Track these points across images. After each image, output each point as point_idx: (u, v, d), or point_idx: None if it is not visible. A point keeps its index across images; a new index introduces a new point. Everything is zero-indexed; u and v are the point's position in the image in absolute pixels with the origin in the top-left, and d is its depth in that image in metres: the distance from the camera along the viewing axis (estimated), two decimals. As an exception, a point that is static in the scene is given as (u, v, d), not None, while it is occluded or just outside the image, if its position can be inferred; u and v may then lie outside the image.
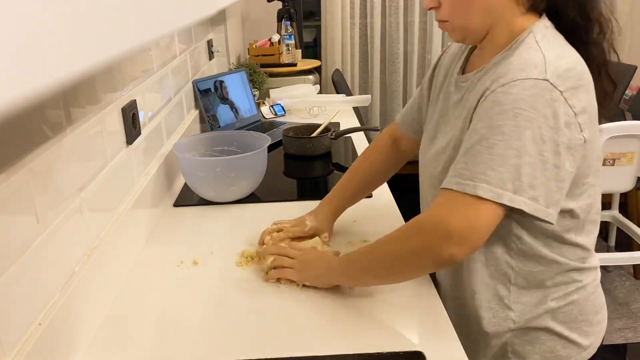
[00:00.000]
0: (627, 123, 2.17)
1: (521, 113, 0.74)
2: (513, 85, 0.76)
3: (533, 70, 0.76)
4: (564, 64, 0.77)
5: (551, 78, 0.75)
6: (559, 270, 0.88)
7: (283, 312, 0.92)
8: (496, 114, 0.76)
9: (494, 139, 0.75)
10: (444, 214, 0.78)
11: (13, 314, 0.68)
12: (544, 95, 0.74)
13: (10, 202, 0.68)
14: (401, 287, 0.98)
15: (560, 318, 0.90)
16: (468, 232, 0.76)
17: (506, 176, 0.74)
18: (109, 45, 0.33)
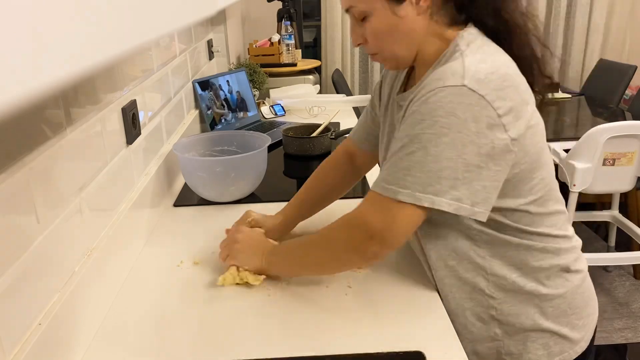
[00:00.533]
0: (627, 123, 2.17)
1: (438, 120, 0.77)
2: (431, 94, 0.78)
3: (450, 78, 0.78)
4: (484, 67, 0.79)
5: (469, 83, 0.77)
6: (532, 256, 0.89)
7: (283, 312, 0.92)
8: (416, 123, 0.79)
9: (413, 146, 0.79)
10: (368, 215, 0.84)
11: (13, 314, 0.68)
12: (462, 100, 0.76)
13: (10, 202, 0.68)
14: (401, 287, 0.98)
15: (549, 313, 0.91)
16: (386, 233, 0.82)
17: (425, 181, 0.78)
18: (109, 45, 0.33)
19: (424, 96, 0.79)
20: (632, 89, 3.26)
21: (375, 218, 0.83)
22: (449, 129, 0.77)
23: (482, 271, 0.90)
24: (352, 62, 3.58)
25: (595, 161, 2.16)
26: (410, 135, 0.80)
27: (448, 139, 0.77)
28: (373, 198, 0.84)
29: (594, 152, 2.15)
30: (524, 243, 0.88)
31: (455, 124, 0.76)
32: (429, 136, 0.78)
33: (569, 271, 0.92)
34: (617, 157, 2.18)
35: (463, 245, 0.89)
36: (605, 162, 2.18)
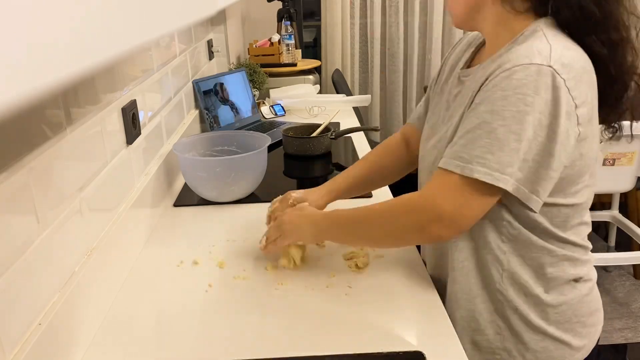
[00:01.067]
0: (627, 123, 2.17)
1: (523, 98, 0.75)
2: (516, 70, 0.76)
3: (537, 57, 0.76)
4: (569, 54, 0.78)
5: (555, 65, 0.75)
6: (550, 261, 0.88)
7: (283, 312, 0.92)
8: (499, 99, 0.76)
9: (495, 123, 0.76)
10: (437, 196, 0.81)
11: (13, 314, 0.68)
12: (546, 81, 0.75)
13: (10, 202, 0.68)
14: (401, 287, 0.98)
15: (553, 318, 0.90)
16: (458, 216, 0.80)
17: (506, 160, 0.76)
18: (108, 45, 0.33)
19: (508, 71, 0.77)
20: (632, 89, 3.26)
21: (446, 200, 0.80)
22: (532, 107, 0.75)
23: (499, 265, 0.89)
24: (352, 62, 3.58)
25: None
26: (492, 111, 0.77)
27: (531, 117, 0.75)
28: (443, 176, 0.81)
29: (594, 152, 2.14)
30: (547, 247, 0.87)
31: (538, 103, 0.75)
32: (513, 113, 0.75)
33: (579, 281, 0.92)
34: (617, 157, 2.18)
35: (489, 235, 0.88)
36: (605, 162, 2.18)
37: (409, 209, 0.85)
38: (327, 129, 1.79)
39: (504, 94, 0.76)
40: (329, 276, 1.02)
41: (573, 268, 0.90)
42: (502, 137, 0.76)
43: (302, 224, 0.99)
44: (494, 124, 0.76)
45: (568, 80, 0.75)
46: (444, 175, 0.81)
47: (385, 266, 1.05)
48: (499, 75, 0.78)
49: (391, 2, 3.46)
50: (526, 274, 0.89)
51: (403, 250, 1.09)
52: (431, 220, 0.81)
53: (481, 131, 0.77)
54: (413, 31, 3.48)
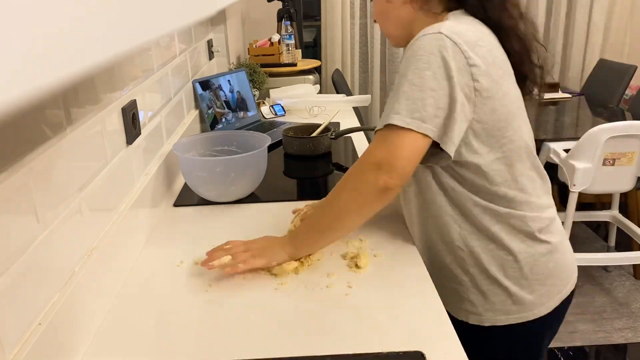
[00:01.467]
0: (627, 123, 2.17)
1: (420, 58, 0.90)
2: (414, 42, 0.92)
3: (429, 30, 0.92)
4: (460, 26, 0.92)
5: (445, 32, 0.90)
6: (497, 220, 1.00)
7: (282, 312, 0.92)
8: (403, 65, 0.93)
9: (402, 81, 0.91)
10: (370, 150, 0.94)
11: (13, 314, 0.68)
12: (439, 43, 0.89)
13: (10, 202, 0.68)
14: (401, 287, 0.98)
15: (510, 273, 1.01)
16: (392, 159, 0.90)
17: (412, 107, 0.89)
18: (108, 45, 0.33)
19: (410, 44, 0.93)
20: (632, 89, 3.26)
21: (378, 150, 0.92)
22: (429, 64, 0.89)
23: (456, 225, 1.02)
24: (352, 62, 3.58)
25: (595, 161, 2.16)
26: (400, 75, 0.92)
27: (430, 72, 0.89)
28: (375, 136, 0.94)
29: (594, 152, 2.15)
30: (492, 207, 0.99)
31: (434, 61, 0.89)
32: (413, 70, 0.90)
33: (534, 239, 1.01)
34: (617, 157, 2.18)
35: (441, 201, 1.02)
36: (605, 162, 2.18)
37: (352, 172, 0.96)
38: (327, 129, 1.79)
39: (407, 59, 0.92)
40: (329, 276, 1.02)
41: (522, 224, 1.00)
42: (406, 89, 0.90)
43: (275, 246, 1.03)
44: (401, 82, 0.91)
45: (460, 43, 0.90)
46: (375, 136, 0.95)
47: (385, 266, 1.05)
48: (405, 51, 0.94)
49: (391, 2, 3.46)
50: (479, 232, 1.01)
51: (403, 250, 1.09)
52: (371, 170, 0.92)
53: (393, 92, 0.93)
54: (413, 31, 3.48)
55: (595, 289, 2.56)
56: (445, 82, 0.89)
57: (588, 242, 2.97)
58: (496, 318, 1.02)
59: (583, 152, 2.17)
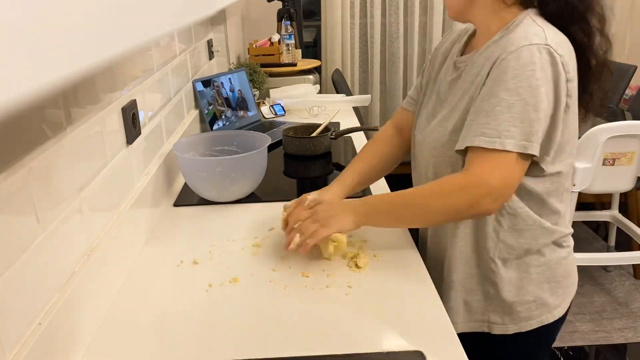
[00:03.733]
0: (627, 123, 2.17)
1: (532, 74, 0.84)
2: (520, 50, 0.86)
3: (535, 38, 0.86)
4: (559, 37, 0.89)
5: (551, 43, 0.86)
6: (541, 232, 0.98)
7: (282, 311, 0.92)
8: (511, 78, 0.86)
9: (512, 99, 0.85)
10: (486, 173, 0.88)
11: (13, 314, 0.68)
12: (547, 57, 0.85)
13: (10, 202, 0.68)
14: (401, 287, 0.98)
15: (535, 278, 1.00)
16: (505, 188, 0.89)
17: (528, 130, 0.85)
18: (109, 44, 0.33)
19: (512, 53, 0.86)
20: (632, 89, 3.26)
21: (494, 175, 0.87)
22: (543, 81, 0.85)
23: (495, 236, 0.98)
24: (352, 62, 3.58)
25: (595, 161, 2.16)
26: (508, 89, 0.86)
27: (543, 89, 0.85)
28: (479, 154, 0.88)
29: (594, 152, 2.15)
30: (538, 219, 0.97)
31: (546, 77, 0.85)
32: (526, 88, 0.85)
33: (560, 246, 1.02)
34: (617, 157, 2.18)
35: None
36: (605, 162, 2.18)
37: (459, 188, 0.91)
38: (327, 128, 1.79)
39: (515, 72, 0.85)
40: (329, 276, 1.02)
41: (558, 234, 1.00)
42: (521, 110, 0.85)
43: (339, 213, 1.01)
44: (511, 100, 0.85)
45: (562, 57, 0.86)
46: (480, 153, 0.88)
47: (385, 266, 1.05)
48: (505, 58, 0.87)
49: (391, 2, 3.46)
50: (517, 241, 0.98)
51: (403, 250, 1.09)
52: (483, 195, 0.88)
53: (500, 108, 0.86)
54: (413, 31, 3.48)
55: (595, 289, 2.56)
56: (553, 99, 0.86)
57: (588, 242, 2.97)
58: (520, 325, 1.01)
59: (583, 152, 2.17)
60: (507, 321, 1.01)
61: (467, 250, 1.01)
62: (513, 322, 1.01)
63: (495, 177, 0.87)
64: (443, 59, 1.10)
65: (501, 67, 0.87)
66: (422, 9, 3.47)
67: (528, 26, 0.89)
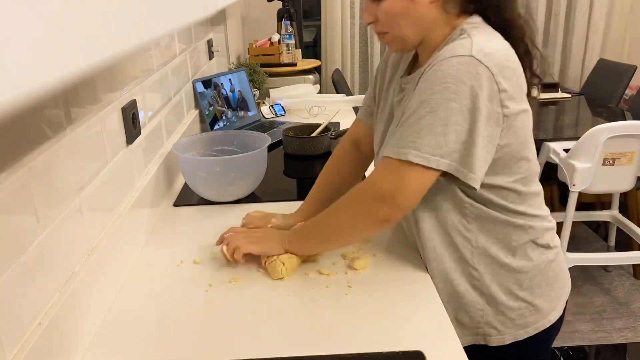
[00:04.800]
0: (627, 123, 2.17)
1: (448, 87, 0.83)
2: (441, 63, 0.85)
3: (459, 50, 0.85)
4: (491, 45, 0.86)
5: (477, 55, 0.83)
6: (514, 232, 0.97)
7: (283, 311, 0.92)
8: (426, 89, 0.85)
9: (423, 111, 0.85)
10: (377, 179, 0.90)
11: (13, 314, 0.68)
12: (469, 69, 0.83)
13: (10, 202, 0.68)
14: (401, 287, 0.98)
15: (525, 285, 0.99)
16: (396, 194, 0.88)
17: (435, 143, 0.84)
18: (109, 44, 0.33)
19: (434, 66, 0.85)
20: (632, 89, 3.26)
21: (385, 181, 0.88)
22: (457, 94, 0.83)
23: (469, 244, 0.97)
24: (352, 62, 3.58)
25: (595, 161, 2.16)
26: (421, 101, 0.86)
27: (456, 104, 0.83)
28: (384, 163, 0.90)
29: (594, 152, 2.15)
30: (508, 220, 0.96)
31: (462, 90, 0.83)
32: (438, 101, 0.84)
33: (546, 247, 1.00)
34: (617, 157, 2.18)
35: (454, 218, 0.96)
36: (605, 162, 2.18)
37: (355, 197, 0.94)
38: (327, 128, 1.79)
39: (431, 84, 0.85)
40: (329, 276, 1.02)
41: (535, 235, 0.99)
42: (430, 122, 0.84)
43: (270, 239, 1.04)
44: (422, 112, 0.85)
45: (492, 67, 0.83)
46: (384, 162, 0.90)
47: (385, 266, 1.05)
48: (427, 71, 0.87)
49: (391, 2, 3.46)
50: (494, 246, 0.97)
51: (403, 250, 1.09)
52: (375, 200, 0.89)
53: (412, 119, 0.86)
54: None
55: (595, 289, 2.56)
56: (470, 114, 0.83)
57: (588, 242, 2.97)
58: (516, 333, 1.00)
59: (583, 152, 2.17)
60: (503, 331, 1.00)
61: (445, 269, 0.99)
62: (508, 331, 0.99)
63: (387, 181, 0.88)
64: (392, 72, 1.08)
65: (422, 80, 0.87)
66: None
67: (458, 39, 0.88)
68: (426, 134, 0.84)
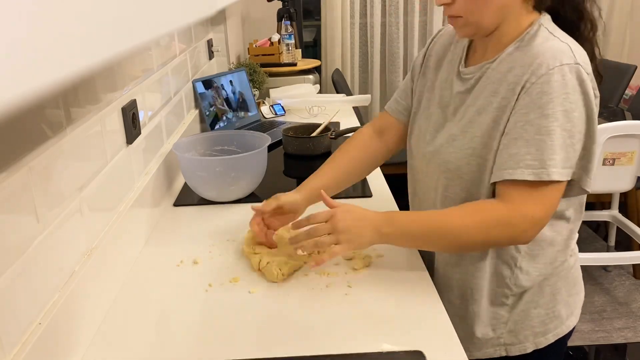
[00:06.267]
0: (627, 123, 2.17)
1: (567, 97, 0.82)
2: (552, 73, 0.83)
3: (564, 57, 0.83)
4: (581, 51, 0.86)
5: (581, 62, 0.84)
6: (556, 249, 0.96)
7: (283, 311, 0.92)
8: (546, 103, 0.83)
9: (551, 125, 0.83)
10: (530, 207, 0.86)
11: (13, 313, 0.68)
12: (578, 78, 0.83)
13: (10, 202, 0.68)
14: (401, 287, 0.98)
15: (548, 291, 0.98)
16: (547, 218, 0.88)
17: (566, 156, 0.84)
18: (109, 44, 0.33)
19: (543, 77, 0.83)
20: (632, 89, 3.26)
21: (537, 207, 0.86)
22: (576, 104, 0.83)
23: (513, 263, 0.95)
24: (352, 62, 3.58)
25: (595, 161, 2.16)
26: (546, 115, 0.83)
27: (577, 114, 0.83)
28: (524, 187, 0.86)
29: (594, 152, 2.15)
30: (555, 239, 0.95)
31: (578, 99, 0.83)
32: (561, 113, 0.83)
33: (572, 255, 1.01)
34: (617, 157, 2.18)
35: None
36: (605, 162, 2.18)
37: (504, 223, 0.87)
38: (327, 128, 1.79)
39: (550, 97, 0.82)
40: (329, 276, 1.02)
41: (570, 249, 1.00)
42: (559, 136, 0.83)
43: (363, 231, 0.93)
44: (550, 127, 0.83)
45: (590, 73, 0.85)
46: (521, 185, 0.86)
47: (385, 266, 1.05)
48: (536, 82, 0.84)
49: (391, 2, 3.46)
50: (533, 268, 0.96)
51: (403, 250, 1.09)
52: (526, 230, 0.87)
53: (541, 136, 0.83)
54: (413, 31, 3.49)
55: (595, 289, 2.56)
56: (587, 121, 0.85)
57: (588, 242, 2.97)
58: (537, 341, 0.99)
59: (583, 152, 2.17)
60: (524, 340, 0.99)
61: (478, 284, 0.97)
62: (529, 339, 0.99)
63: (539, 209, 0.86)
64: (438, 64, 1.04)
65: (533, 91, 0.84)
66: (422, 9, 3.47)
67: (548, 40, 0.86)
68: (559, 149, 0.83)
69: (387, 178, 1.49)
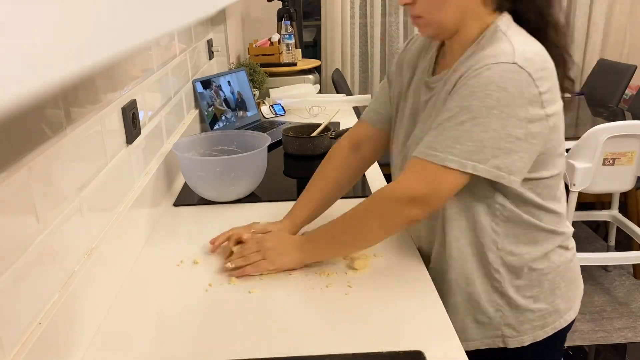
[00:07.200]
0: (627, 123, 2.17)
1: (490, 94, 0.83)
2: (484, 69, 0.85)
3: (502, 56, 0.84)
4: (529, 49, 0.86)
5: (519, 61, 0.83)
6: (540, 235, 0.97)
7: (283, 311, 0.92)
8: (468, 95, 0.85)
9: (463, 117, 0.85)
10: (409, 181, 0.90)
11: (13, 313, 0.68)
12: (512, 77, 0.83)
13: (10, 202, 0.68)
14: (401, 287, 0.98)
15: (546, 286, 0.99)
16: (430, 197, 0.89)
17: (472, 149, 0.85)
18: (108, 45, 0.33)
19: (476, 71, 0.85)
20: (632, 89, 3.26)
21: (419, 184, 0.89)
22: (499, 102, 0.83)
23: (494, 246, 0.97)
24: (352, 62, 3.58)
25: (595, 161, 2.16)
26: (461, 106, 0.86)
27: (497, 111, 0.84)
28: (417, 165, 0.90)
29: (594, 152, 2.15)
30: (536, 223, 0.96)
31: (504, 97, 0.83)
32: (479, 108, 0.84)
33: (566, 249, 1.01)
34: (617, 157, 2.18)
35: (484, 220, 0.96)
36: (605, 162, 2.18)
37: (385, 199, 0.93)
38: (327, 128, 1.79)
39: (472, 90, 0.85)
40: (329, 276, 1.02)
41: (560, 237, 1.00)
42: (470, 129, 0.85)
43: (285, 251, 1.03)
44: (462, 117, 0.85)
45: (533, 73, 0.84)
46: (416, 164, 0.90)
47: (385, 266, 1.05)
48: (468, 75, 0.86)
49: (391, 2, 3.46)
50: (519, 249, 0.97)
51: (403, 250, 1.09)
52: (408, 203, 0.90)
53: (451, 124, 0.86)
54: (413, 31, 3.48)
55: (595, 289, 2.56)
56: (510, 120, 0.84)
57: (588, 242, 2.97)
58: (535, 334, 1.00)
59: (583, 152, 2.17)
60: (522, 332, 0.99)
61: (467, 269, 0.98)
62: (527, 332, 1.00)
63: (421, 184, 0.89)
64: (411, 73, 1.06)
65: (460, 84, 0.87)
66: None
67: (498, 42, 0.87)
68: (465, 140, 0.85)
69: (387, 178, 1.49)
